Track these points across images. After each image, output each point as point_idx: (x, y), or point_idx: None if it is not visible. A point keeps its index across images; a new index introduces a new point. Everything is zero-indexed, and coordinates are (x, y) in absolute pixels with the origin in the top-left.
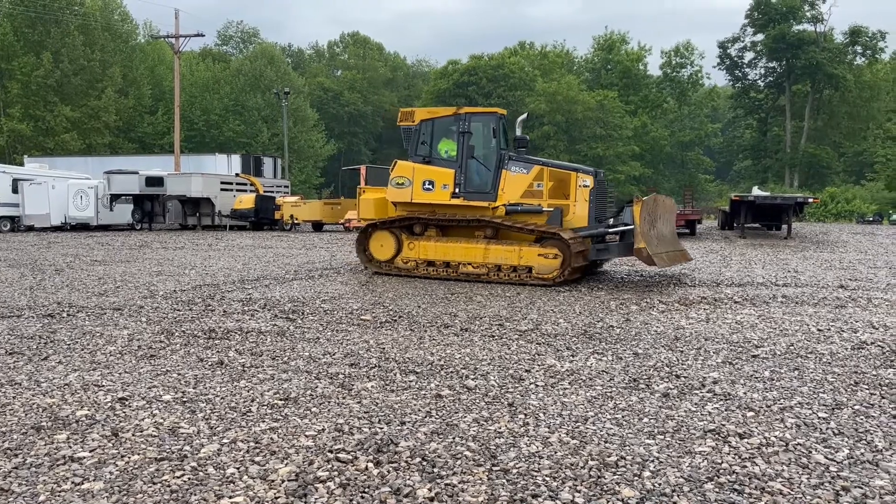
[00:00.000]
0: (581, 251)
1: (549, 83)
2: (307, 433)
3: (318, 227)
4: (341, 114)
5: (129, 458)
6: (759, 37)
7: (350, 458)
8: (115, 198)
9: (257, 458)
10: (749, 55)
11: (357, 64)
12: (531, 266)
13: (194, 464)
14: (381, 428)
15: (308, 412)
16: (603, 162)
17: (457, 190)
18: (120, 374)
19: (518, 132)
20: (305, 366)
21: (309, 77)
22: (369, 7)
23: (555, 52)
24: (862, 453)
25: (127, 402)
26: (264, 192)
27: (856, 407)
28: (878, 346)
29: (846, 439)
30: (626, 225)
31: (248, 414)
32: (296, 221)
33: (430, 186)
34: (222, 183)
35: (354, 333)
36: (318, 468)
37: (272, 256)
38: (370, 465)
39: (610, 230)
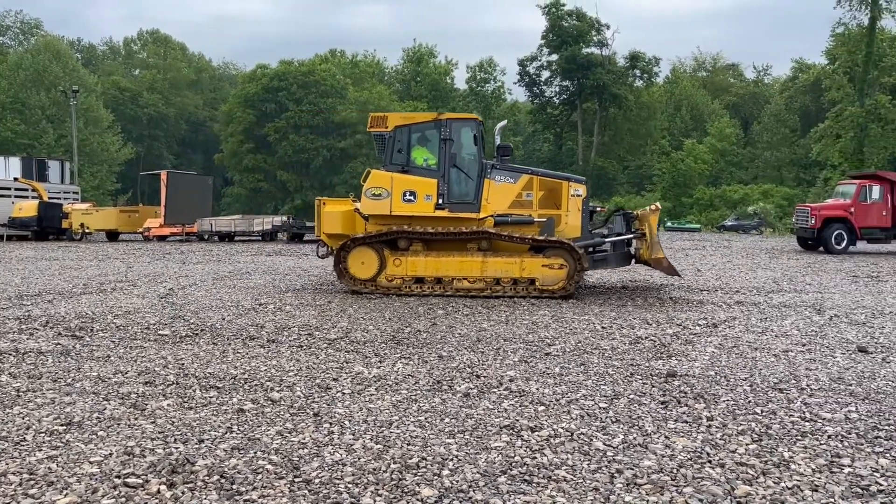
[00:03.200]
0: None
1: (361, 92)
2: (91, 459)
3: (113, 236)
4: (140, 115)
5: None
6: (554, 57)
7: (140, 482)
8: None
9: (31, 491)
10: (546, 73)
11: (157, 63)
12: (534, 278)
13: None
14: (177, 448)
15: (94, 437)
16: None
17: (440, 201)
18: None
19: (498, 140)
20: (93, 387)
21: (102, 75)
22: (177, 7)
23: (366, 62)
24: (634, 438)
25: None
26: (49, 198)
27: (631, 396)
28: (651, 340)
29: (622, 426)
30: (619, 235)
31: (22, 443)
32: (87, 230)
33: (412, 197)
34: None
35: (151, 349)
36: (104, 496)
37: (58, 269)
38: (163, 487)
39: (606, 240)
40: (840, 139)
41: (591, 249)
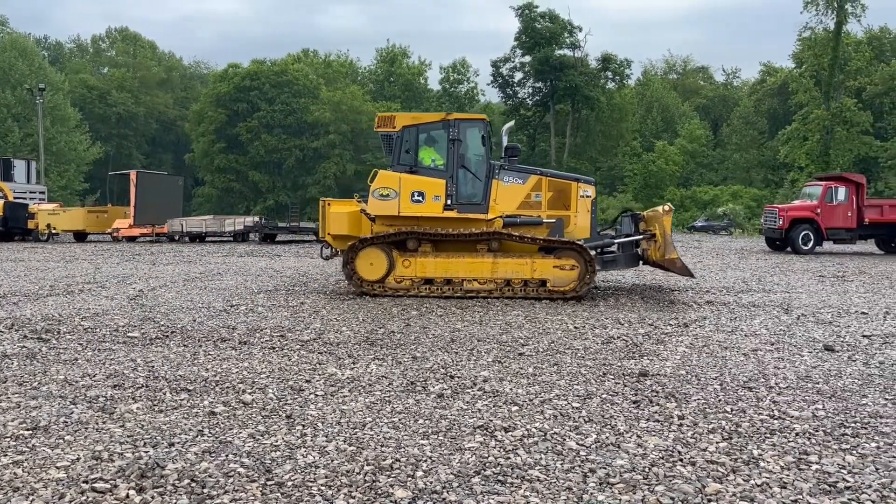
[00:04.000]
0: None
1: (334, 92)
2: (58, 464)
3: (80, 237)
4: (109, 114)
5: None
6: (527, 58)
7: (108, 487)
8: None
9: None
10: (519, 75)
11: (126, 62)
12: (545, 279)
13: None
14: (147, 452)
15: (61, 441)
16: None
17: (449, 202)
18: None
19: (505, 141)
20: (60, 390)
21: (70, 73)
22: (148, 5)
23: (339, 62)
24: (607, 437)
25: None
26: (15, 198)
27: (603, 396)
28: (623, 339)
29: (594, 425)
30: (628, 236)
31: None
32: (54, 231)
33: (420, 198)
34: None
35: (119, 352)
36: (71, 501)
37: (23, 270)
38: (132, 492)
39: (616, 241)
40: (807, 141)
41: (599, 250)
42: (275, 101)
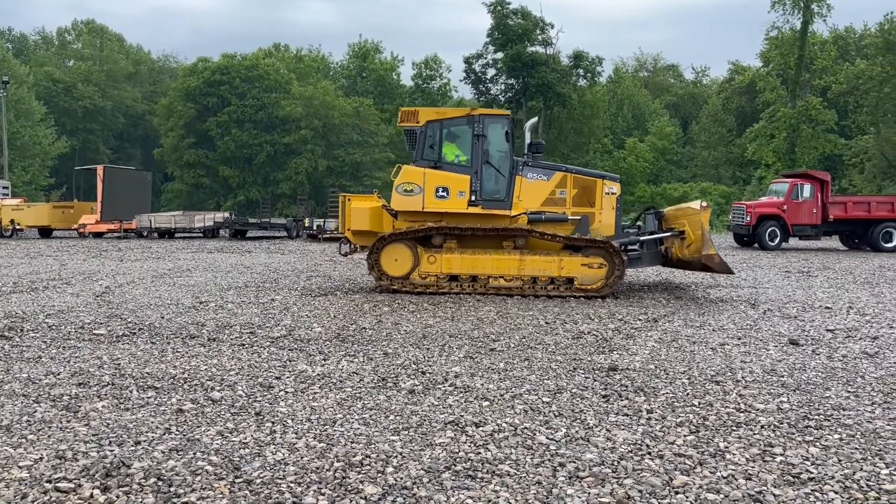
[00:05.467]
0: None
1: (306, 87)
2: (21, 464)
3: (46, 233)
4: (75, 108)
5: None
6: (500, 55)
7: (72, 486)
8: None
9: None
10: (491, 71)
11: (93, 55)
12: (573, 277)
13: None
14: (112, 450)
15: (23, 440)
16: (360, 168)
17: (473, 198)
18: None
19: (528, 138)
20: (22, 389)
21: (35, 66)
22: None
23: (310, 57)
24: (577, 431)
25: None
26: None
27: (573, 390)
28: (594, 335)
29: (565, 420)
30: (651, 233)
31: None
32: (18, 227)
33: (445, 194)
34: None
35: (85, 350)
36: (34, 501)
37: None
38: (96, 491)
39: (642, 238)
40: (773, 139)
41: (623, 248)
42: (245, 95)
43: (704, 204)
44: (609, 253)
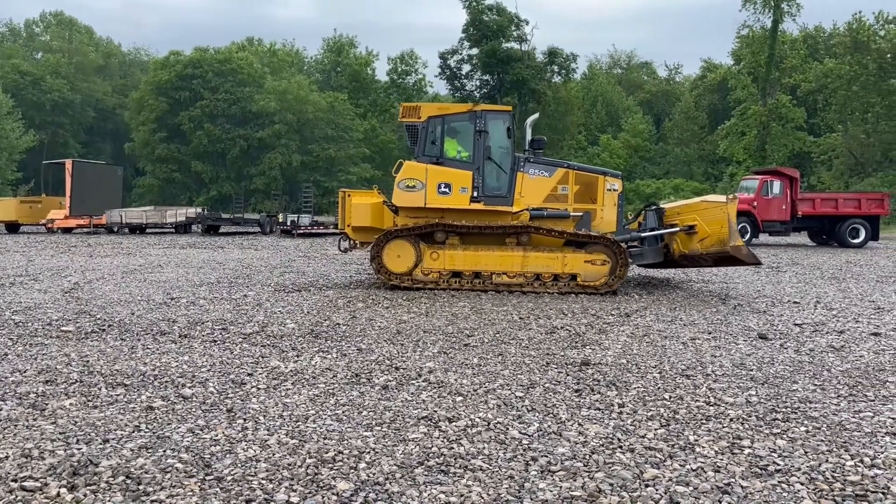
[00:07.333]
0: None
1: (280, 81)
2: None
3: (13, 228)
4: (43, 101)
5: None
6: (475, 51)
7: (39, 485)
8: None
9: None
10: (466, 67)
11: (62, 47)
12: (576, 273)
13: None
14: (80, 449)
15: None
16: (335, 163)
17: (475, 193)
18: None
19: (529, 134)
20: None
21: (2, 58)
22: None
23: (284, 51)
24: (549, 426)
25: None
26: None
27: (546, 385)
28: (567, 330)
29: (537, 414)
30: (652, 230)
31: None
32: None
33: (447, 189)
34: None
35: (52, 347)
36: None
37: None
38: (63, 490)
39: (643, 234)
40: (744, 136)
41: (625, 244)
42: (218, 89)
43: (731, 196)
44: (612, 249)
